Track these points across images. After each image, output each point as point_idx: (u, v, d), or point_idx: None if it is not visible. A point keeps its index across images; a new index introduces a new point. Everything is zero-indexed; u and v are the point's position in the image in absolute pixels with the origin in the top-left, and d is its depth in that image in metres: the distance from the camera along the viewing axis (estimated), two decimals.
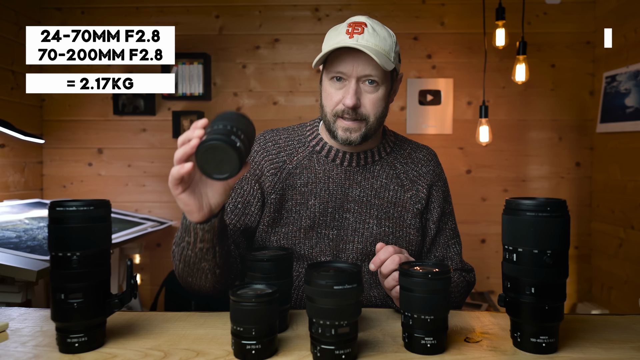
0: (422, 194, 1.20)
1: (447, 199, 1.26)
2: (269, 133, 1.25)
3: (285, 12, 3.08)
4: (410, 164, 1.23)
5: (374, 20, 1.11)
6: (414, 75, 3.06)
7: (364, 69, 1.06)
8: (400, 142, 1.26)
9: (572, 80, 3.03)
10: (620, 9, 2.77)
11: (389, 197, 1.18)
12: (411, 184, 1.20)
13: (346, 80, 1.08)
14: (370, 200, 1.17)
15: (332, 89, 1.10)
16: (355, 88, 1.07)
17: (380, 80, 1.08)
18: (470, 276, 1.26)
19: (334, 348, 0.75)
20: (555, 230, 0.78)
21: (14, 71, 2.79)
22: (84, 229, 0.79)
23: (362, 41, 1.04)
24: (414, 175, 1.21)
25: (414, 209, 1.19)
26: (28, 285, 1.82)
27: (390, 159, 1.22)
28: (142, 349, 0.82)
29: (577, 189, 3.07)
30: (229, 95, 3.11)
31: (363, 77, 1.07)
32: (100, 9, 3.09)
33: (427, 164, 1.24)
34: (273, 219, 1.17)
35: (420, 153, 1.26)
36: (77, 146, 3.12)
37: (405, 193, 1.19)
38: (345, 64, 1.06)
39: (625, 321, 0.97)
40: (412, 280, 0.79)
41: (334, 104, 1.10)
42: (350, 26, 1.07)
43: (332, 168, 1.18)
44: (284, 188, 1.17)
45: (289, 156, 1.20)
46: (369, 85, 1.08)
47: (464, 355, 0.80)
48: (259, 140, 1.24)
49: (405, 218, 1.18)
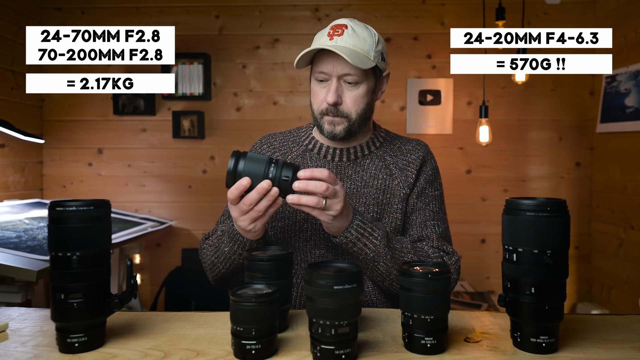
0: (410, 180, 1.23)
1: (434, 183, 1.26)
2: (265, 137, 1.33)
3: (285, 12, 3.09)
4: (399, 155, 1.26)
5: (357, 22, 1.17)
6: (414, 75, 3.06)
7: (343, 68, 1.12)
8: (391, 138, 1.31)
9: (572, 80, 3.03)
10: (620, 9, 2.77)
11: (378, 184, 1.22)
12: (400, 172, 1.24)
13: (329, 80, 1.15)
14: (360, 191, 1.21)
15: (317, 88, 1.18)
16: (336, 86, 1.14)
17: (359, 78, 1.14)
18: (452, 259, 1.18)
19: (334, 348, 0.75)
20: (555, 230, 0.78)
21: (14, 71, 2.79)
22: (84, 229, 0.79)
23: (340, 42, 1.11)
24: (403, 163, 1.25)
25: (401, 194, 1.22)
26: (28, 285, 1.82)
27: (380, 153, 1.26)
28: (142, 349, 0.82)
29: (577, 189, 3.07)
30: (229, 95, 3.11)
31: (343, 75, 1.13)
32: (100, 9, 3.09)
33: (416, 152, 1.27)
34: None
35: (410, 144, 1.29)
36: (77, 146, 3.12)
37: (394, 180, 1.23)
38: (325, 64, 1.13)
39: (625, 321, 0.97)
40: (412, 280, 0.79)
41: (320, 102, 1.17)
42: (332, 29, 1.15)
43: (324, 164, 1.23)
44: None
45: (283, 155, 1.27)
46: (349, 84, 1.15)
47: (464, 355, 0.80)
48: (256, 145, 1.32)
49: (392, 203, 1.21)
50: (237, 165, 0.96)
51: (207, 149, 3.11)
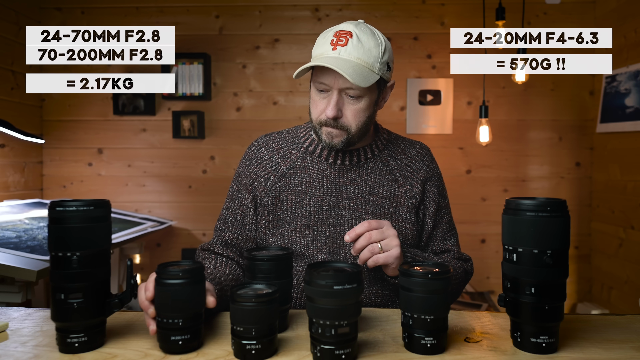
0: (416, 189, 1.21)
1: (442, 192, 1.27)
2: (262, 139, 1.28)
3: (285, 12, 3.08)
4: (404, 160, 1.24)
5: (364, 27, 1.10)
6: (414, 75, 3.06)
7: (344, 82, 1.07)
8: (394, 140, 1.27)
9: (572, 80, 3.03)
10: (620, 9, 2.77)
11: (384, 192, 1.19)
12: (405, 180, 1.22)
13: (329, 91, 1.10)
14: (365, 197, 1.18)
15: (317, 97, 1.13)
16: (337, 99, 1.09)
17: (362, 92, 1.09)
18: (468, 265, 1.26)
19: (334, 348, 0.75)
20: (555, 230, 0.78)
21: (14, 71, 2.79)
22: (84, 229, 0.79)
23: (344, 54, 1.06)
24: (408, 171, 1.23)
25: (409, 204, 1.20)
26: (28, 285, 1.82)
27: (383, 156, 1.23)
28: (142, 349, 0.82)
29: (577, 189, 3.07)
30: (229, 95, 3.11)
31: (344, 89, 1.08)
32: (100, 9, 3.09)
33: (421, 159, 1.25)
34: (270, 221, 1.19)
35: (414, 149, 1.27)
36: (77, 146, 3.12)
37: (400, 188, 1.20)
38: (326, 76, 1.08)
39: (625, 321, 0.97)
40: (412, 281, 0.79)
41: (319, 113, 1.13)
42: (335, 36, 1.08)
43: (326, 167, 1.20)
44: (279, 189, 1.20)
45: (283, 158, 1.23)
46: (350, 97, 1.10)
47: (464, 355, 0.80)
48: (253, 148, 1.27)
49: (400, 213, 1.19)
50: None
51: (207, 149, 3.11)
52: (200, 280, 0.82)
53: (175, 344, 0.79)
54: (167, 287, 0.78)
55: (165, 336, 0.79)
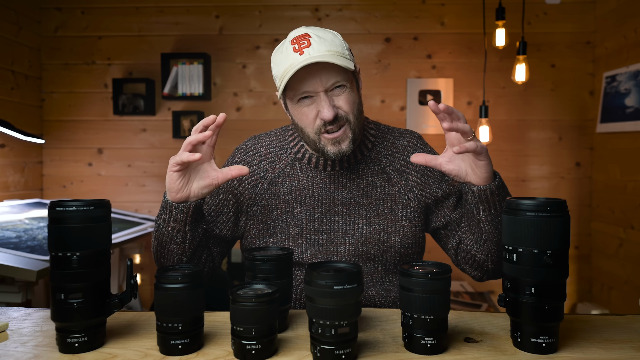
0: (412, 182, 1.17)
1: (444, 175, 1.19)
2: (250, 141, 1.24)
3: (285, 12, 3.09)
4: (395, 154, 1.20)
5: (314, 27, 1.08)
6: (414, 75, 3.06)
7: (329, 78, 1.03)
8: (382, 134, 1.22)
9: (572, 80, 3.03)
10: (620, 9, 2.77)
11: (377, 194, 1.16)
12: (399, 175, 1.18)
13: (314, 97, 1.06)
14: (358, 201, 1.16)
15: (303, 109, 1.07)
16: (328, 100, 1.04)
17: (347, 81, 1.06)
18: None
19: (334, 348, 0.75)
20: (555, 230, 0.78)
21: (14, 71, 2.79)
22: (84, 229, 0.79)
23: (314, 53, 1.02)
24: (401, 165, 1.18)
25: (403, 200, 1.16)
26: (28, 285, 1.82)
27: (373, 155, 1.19)
28: (142, 349, 0.82)
29: (577, 189, 3.07)
30: (229, 95, 3.11)
31: (330, 86, 1.05)
32: (100, 9, 3.09)
33: (413, 149, 1.20)
34: (260, 230, 1.17)
35: (404, 140, 1.22)
36: (77, 146, 3.13)
37: (393, 187, 1.17)
38: (308, 83, 1.04)
39: (625, 321, 0.97)
40: (412, 281, 0.79)
41: (312, 122, 1.07)
42: (294, 42, 1.04)
43: (316, 174, 1.16)
44: (267, 198, 1.17)
45: (271, 164, 1.19)
46: (339, 90, 1.06)
47: (464, 355, 0.80)
48: (240, 150, 1.23)
49: (396, 211, 1.16)
50: None
51: None
52: (200, 284, 0.82)
53: (175, 347, 0.79)
54: (167, 292, 0.78)
55: (165, 340, 0.80)
